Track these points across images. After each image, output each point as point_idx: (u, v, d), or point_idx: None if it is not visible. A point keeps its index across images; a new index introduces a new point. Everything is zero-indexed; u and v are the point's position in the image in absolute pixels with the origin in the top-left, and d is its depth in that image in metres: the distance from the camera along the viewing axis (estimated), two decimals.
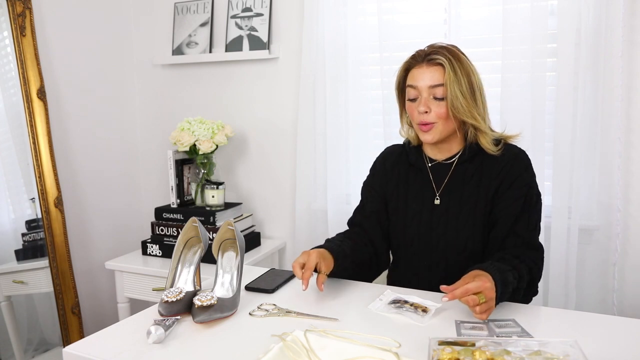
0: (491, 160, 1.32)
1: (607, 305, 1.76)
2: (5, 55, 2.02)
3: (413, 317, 1.09)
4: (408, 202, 1.39)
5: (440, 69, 1.27)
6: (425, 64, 1.29)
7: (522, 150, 1.35)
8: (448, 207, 1.34)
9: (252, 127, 2.31)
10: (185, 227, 1.25)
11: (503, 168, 1.30)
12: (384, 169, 1.46)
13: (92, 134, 2.31)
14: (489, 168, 1.32)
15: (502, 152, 1.32)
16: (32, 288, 2.08)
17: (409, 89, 1.32)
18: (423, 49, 1.33)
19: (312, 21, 2.02)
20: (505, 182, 1.30)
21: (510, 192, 1.29)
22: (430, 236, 1.35)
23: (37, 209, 2.04)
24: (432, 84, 1.28)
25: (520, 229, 1.27)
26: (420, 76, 1.29)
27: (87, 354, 0.97)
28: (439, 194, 1.36)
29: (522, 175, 1.31)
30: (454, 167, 1.36)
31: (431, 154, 1.40)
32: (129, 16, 2.47)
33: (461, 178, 1.35)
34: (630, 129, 1.71)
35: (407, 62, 1.35)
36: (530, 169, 1.33)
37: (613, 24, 1.65)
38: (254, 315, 1.13)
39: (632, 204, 1.74)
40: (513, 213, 1.28)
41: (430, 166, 1.39)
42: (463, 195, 1.33)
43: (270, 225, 2.33)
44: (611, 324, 1.07)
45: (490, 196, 1.31)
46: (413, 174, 1.41)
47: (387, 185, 1.44)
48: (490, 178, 1.31)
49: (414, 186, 1.40)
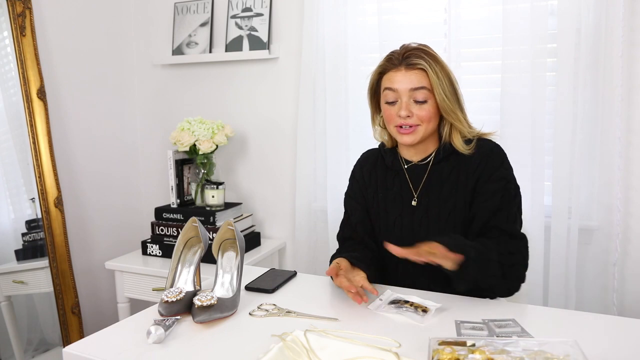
0: (466, 157, 1.32)
1: (607, 305, 1.76)
2: (5, 55, 2.02)
3: (413, 317, 1.09)
4: (388, 206, 1.38)
5: (420, 73, 1.27)
6: (404, 67, 1.28)
7: (497, 144, 1.34)
8: (428, 208, 1.33)
9: (252, 127, 2.31)
10: (185, 227, 1.25)
11: (479, 164, 1.30)
12: (362, 175, 1.44)
13: (92, 134, 2.31)
14: (465, 166, 1.31)
15: (476, 148, 1.31)
16: (32, 288, 2.08)
17: (387, 92, 1.30)
18: (397, 51, 1.31)
19: (312, 21, 2.02)
20: (483, 178, 1.29)
21: (488, 186, 1.28)
22: (414, 238, 1.30)
23: (37, 209, 2.04)
24: (413, 87, 1.26)
25: (500, 223, 1.26)
26: (400, 79, 1.27)
27: (87, 354, 0.97)
28: (417, 195, 1.35)
29: (498, 169, 1.30)
30: (430, 167, 1.35)
31: (407, 155, 1.38)
32: (129, 16, 2.47)
33: (438, 178, 1.34)
34: (630, 129, 1.71)
35: (382, 65, 1.33)
36: (506, 162, 1.32)
37: (613, 24, 1.65)
38: (254, 315, 1.13)
39: (632, 204, 1.74)
40: (490, 208, 1.27)
41: (407, 167, 1.38)
42: (441, 195, 1.32)
43: (270, 225, 2.33)
44: (611, 324, 1.07)
45: (469, 192, 1.30)
46: (391, 177, 1.40)
47: (366, 191, 1.42)
48: (467, 175, 1.30)
49: (392, 189, 1.38)
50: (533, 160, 1.75)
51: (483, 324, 1.04)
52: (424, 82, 1.27)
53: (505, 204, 1.28)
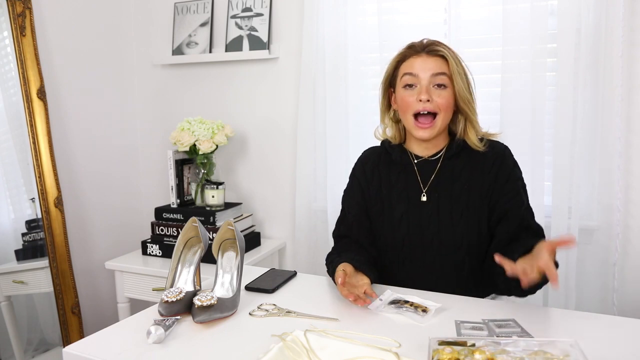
0: (478, 155, 1.32)
1: (607, 305, 1.76)
2: (5, 55, 2.02)
3: (413, 317, 1.09)
4: (393, 203, 1.36)
5: (440, 60, 1.28)
6: (425, 53, 1.29)
7: (506, 146, 1.36)
8: (438, 204, 1.32)
9: (252, 127, 2.31)
10: (185, 227, 1.25)
11: (494, 163, 1.31)
12: (364, 173, 1.42)
13: (92, 134, 2.31)
14: (477, 163, 1.32)
15: (488, 148, 1.32)
16: (32, 288, 2.08)
17: (406, 77, 1.29)
18: (419, 41, 1.32)
19: (312, 21, 2.02)
20: (500, 178, 1.30)
21: (509, 187, 1.30)
22: (422, 235, 1.32)
23: (37, 209, 2.04)
24: (434, 72, 1.27)
25: (531, 223, 1.29)
26: (421, 64, 1.28)
27: (87, 354, 0.97)
28: (426, 191, 1.34)
29: (513, 170, 1.32)
30: (441, 162, 1.35)
31: (417, 150, 1.38)
32: (129, 16, 2.47)
33: (449, 174, 1.33)
34: (630, 129, 1.71)
35: (402, 53, 1.33)
36: (516, 163, 1.35)
37: (613, 24, 1.65)
38: (254, 315, 1.13)
39: (632, 204, 1.73)
40: (520, 206, 1.29)
41: (416, 162, 1.37)
42: (453, 192, 1.31)
43: (270, 225, 2.33)
44: (611, 324, 1.07)
45: (484, 191, 1.30)
46: (396, 173, 1.38)
47: (368, 189, 1.41)
48: (483, 172, 1.31)
49: (398, 186, 1.37)
50: (533, 160, 1.75)
51: (483, 324, 1.04)
52: (445, 68, 1.27)
53: (526, 203, 1.31)
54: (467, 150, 1.33)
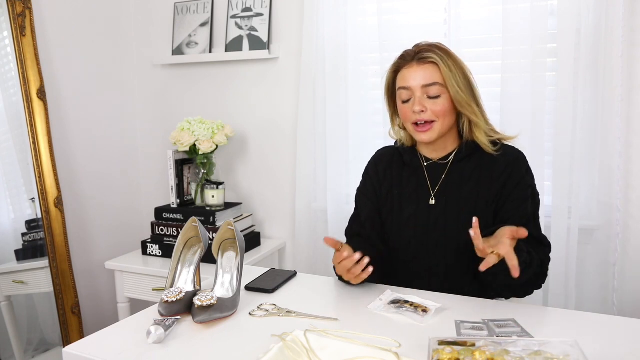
0: (490, 159, 1.31)
1: (607, 305, 1.76)
2: (5, 55, 2.02)
3: (413, 317, 1.09)
4: (402, 205, 1.37)
5: (432, 67, 1.27)
6: (415, 63, 1.29)
7: (521, 151, 1.35)
8: (445, 207, 1.32)
9: (252, 127, 2.31)
10: (185, 227, 1.25)
11: (505, 169, 1.29)
12: (377, 172, 1.44)
13: (92, 134, 2.31)
14: (488, 168, 1.31)
15: (501, 152, 1.31)
16: (32, 288, 2.08)
17: (401, 91, 1.31)
18: (411, 49, 1.32)
19: (312, 21, 2.02)
20: (510, 184, 1.28)
21: (517, 194, 1.28)
22: (428, 237, 1.32)
23: (37, 209, 2.04)
24: (425, 83, 1.27)
25: (532, 230, 1.25)
26: (412, 76, 1.28)
27: (87, 354, 0.97)
28: (434, 194, 1.34)
29: (525, 177, 1.30)
30: (450, 166, 1.35)
31: (426, 153, 1.39)
32: (129, 16, 2.47)
33: (458, 177, 1.33)
34: (630, 129, 1.71)
35: (395, 63, 1.34)
36: (530, 170, 1.33)
37: (613, 24, 1.65)
38: (254, 315, 1.13)
39: (632, 204, 1.73)
40: (524, 215, 1.27)
41: (426, 165, 1.38)
42: (461, 196, 1.31)
43: (270, 225, 2.33)
44: (611, 324, 1.07)
45: (493, 197, 1.29)
46: (407, 174, 1.39)
47: (380, 189, 1.42)
48: (492, 178, 1.30)
49: (408, 187, 1.38)
50: (533, 160, 1.74)
51: (483, 324, 1.04)
52: (436, 77, 1.27)
53: (534, 211, 1.29)
54: (480, 153, 1.32)
